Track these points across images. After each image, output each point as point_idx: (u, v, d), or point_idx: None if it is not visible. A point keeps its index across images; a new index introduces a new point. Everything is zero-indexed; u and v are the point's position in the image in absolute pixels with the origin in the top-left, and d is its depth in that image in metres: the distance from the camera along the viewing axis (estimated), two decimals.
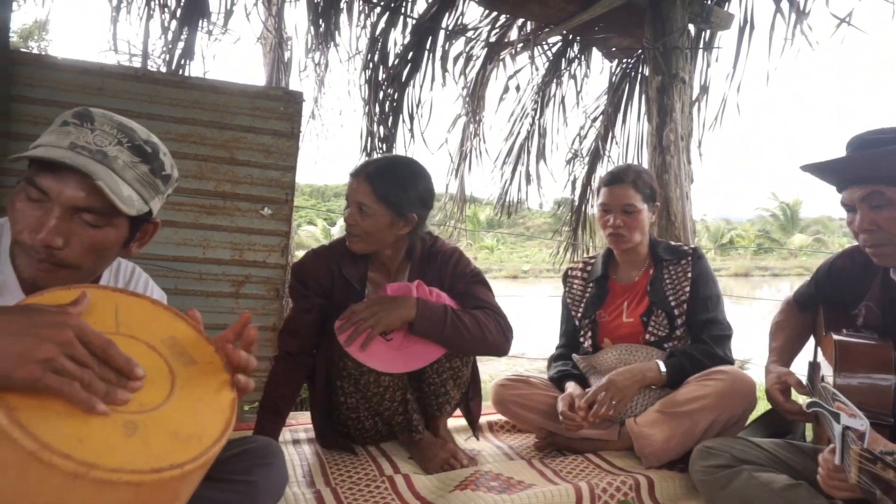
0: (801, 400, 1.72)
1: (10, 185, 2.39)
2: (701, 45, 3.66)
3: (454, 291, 1.94)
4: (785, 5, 3.29)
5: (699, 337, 2.11)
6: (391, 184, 1.82)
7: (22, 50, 3.41)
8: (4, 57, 2.34)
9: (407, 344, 1.80)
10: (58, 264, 1.04)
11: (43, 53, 3.68)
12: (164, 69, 3.32)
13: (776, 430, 1.97)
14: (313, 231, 27.74)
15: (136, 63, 3.39)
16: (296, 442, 2.16)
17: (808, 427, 1.92)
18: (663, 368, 2.02)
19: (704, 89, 3.76)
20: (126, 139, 1.08)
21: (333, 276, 1.92)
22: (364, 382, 1.84)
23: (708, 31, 3.64)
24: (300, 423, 2.34)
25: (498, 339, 1.88)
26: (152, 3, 3.36)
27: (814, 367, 1.85)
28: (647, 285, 2.19)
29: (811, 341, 1.93)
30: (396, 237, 1.89)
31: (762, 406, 1.93)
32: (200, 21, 3.39)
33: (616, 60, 4.22)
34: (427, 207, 1.93)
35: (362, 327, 1.74)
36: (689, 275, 2.15)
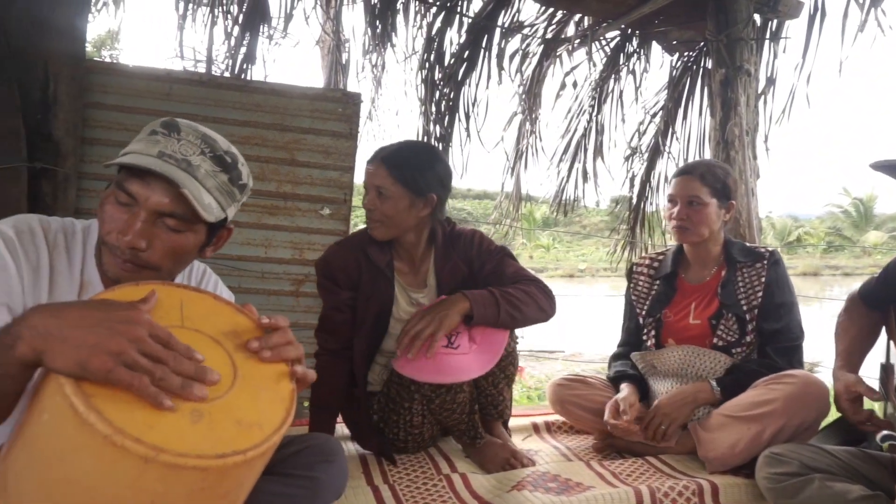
0: (876, 407, 1.63)
1: (90, 188, 2.51)
2: (767, 36, 3.53)
3: (485, 271, 1.91)
4: None
5: (764, 349, 2.03)
6: (408, 165, 1.79)
7: (96, 59, 3.58)
8: (81, 66, 2.46)
9: (474, 344, 1.73)
10: (141, 265, 1.09)
11: (115, 62, 3.85)
12: (227, 74, 3.42)
13: (849, 437, 1.88)
14: None
15: (201, 68, 3.51)
16: (351, 437, 2.19)
17: (881, 443, 1.82)
18: (717, 388, 1.96)
19: (771, 81, 3.62)
20: (209, 149, 1.14)
21: (360, 264, 1.87)
22: (439, 402, 1.82)
23: (775, 21, 3.51)
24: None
25: (547, 303, 1.85)
26: (216, 10, 3.47)
27: (886, 369, 1.75)
28: (717, 287, 2.11)
29: (882, 339, 1.82)
30: (417, 220, 1.85)
31: (834, 412, 1.84)
32: (262, 26, 3.48)
33: (677, 54, 4.11)
34: (445, 189, 1.88)
35: (424, 335, 1.67)
36: (763, 279, 2.06)
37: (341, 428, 2.39)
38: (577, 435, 2.31)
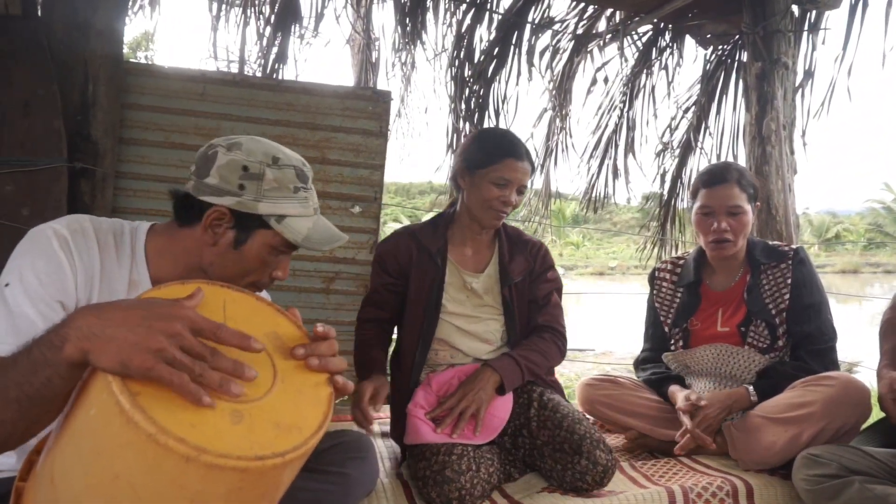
0: None
1: (127, 188, 2.57)
2: (806, 28, 3.44)
3: (538, 286, 1.98)
4: None
5: (797, 352, 1.98)
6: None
7: (132, 61, 3.65)
8: (119, 68, 2.52)
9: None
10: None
11: (151, 63, 3.92)
12: (259, 74, 3.46)
13: (891, 439, 1.82)
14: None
15: (234, 68, 3.56)
16: (384, 435, 2.20)
17: None
18: (754, 396, 1.92)
19: (809, 74, 3.52)
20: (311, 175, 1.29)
21: (411, 250, 1.93)
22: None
23: (814, 12, 3.42)
24: (387, 416, 2.39)
25: (558, 360, 1.97)
26: (248, 11, 3.52)
27: None
28: (743, 293, 2.05)
29: None
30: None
31: (875, 414, 1.79)
32: (293, 26, 3.52)
33: (711, 47, 4.04)
34: None
35: (468, 415, 1.74)
36: (790, 280, 1.99)
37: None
38: (606, 434, 2.29)
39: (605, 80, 4.44)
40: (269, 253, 1.21)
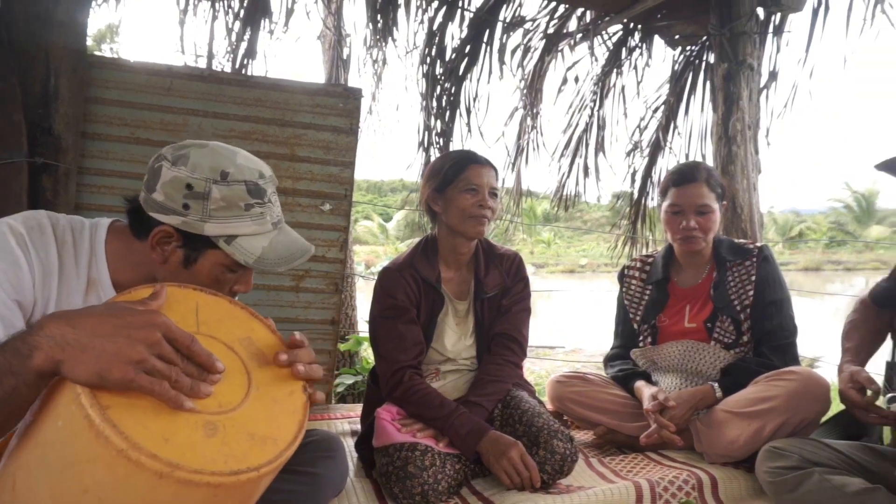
0: (880, 401, 1.63)
1: (90, 184, 2.51)
2: (770, 30, 3.51)
3: (508, 300, 2.01)
4: None
5: (760, 348, 2.02)
6: None
7: (97, 54, 3.57)
8: (82, 61, 2.46)
9: None
10: None
11: (116, 56, 3.84)
12: (228, 69, 3.41)
13: (850, 431, 1.87)
14: (370, 226, 28.09)
15: (202, 63, 3.50)
16: (354, 433, 2.20)
17: (886, 430, 1.82)
18: (719, 393, 1.95)
19: (773, 76, 3.60)
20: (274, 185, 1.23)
21: (418, 281, 1.94)
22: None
23: (778, 15, 3.49)
24: (357, 416, 2.38)
25: (516, 376, 2.00)
26: (217, 5, 3.46)
27: (893, 367, 1.76)
28: (710, 289, 2.09)
29: (889, 341, 1.83)
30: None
31: (835, 407, 1.84)
32: (263, 21, 3.47)
33: (679, 48, 4.09)
34: None
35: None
36: (754, 278, 2.04)
37: (341, 424, 2.40)
38: (576, 430, 2.31)
39: (576, 80, 4.48)
40: (223, 272, 1.16)
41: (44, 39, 2.35)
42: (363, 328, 4.43)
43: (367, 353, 4.17)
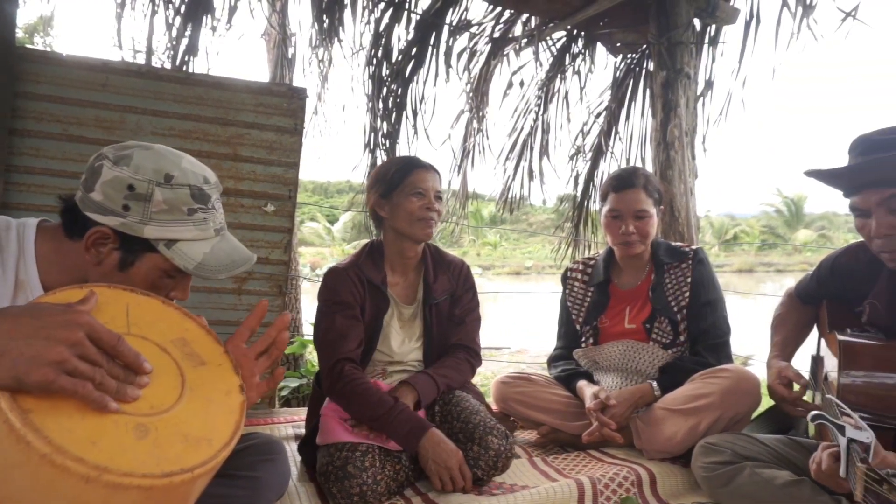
0: (807, 396, 1.72)
1: (20, 182, 2.40)
2: (706, 40, 3.64)
3: (457, 305, 2.04)
4: None
5: (695, 347, 2.09)
6: None
7: (27, 46, 3.41)
8: (10, 54, 2.35)
9: None
10: None
11: (48, 50, 3.68)
12: (168, 65, 3.32)
13: (778, 426, 1.97)
14: (316, 228, 27.76)
15: (141, 59, 3.39)
16: (298, 437, 2.17)
17: (811, 423, 1.91)
18: (658, 391, 2.01)
19: (709, 84, 3.73)
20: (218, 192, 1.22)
21: (363, 282, 1.93)
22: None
23: (713, 26, 3.62)
24: (302, 419, 2.35)
25: (470, 376, 2.05)
26: (156, 0, 3.36)
27: (817, 361, 1.85)
28: (648, 291, 2.16)
29: (813, 334, 1.92)
30: None
31: (765, 403, 1.92)
32: (204, 17, 3.39)
33: (620, 56, 4.20)
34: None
35: None
36: (689, 279, 2.11)
37: (284, 428, 2.37)
38: (521, 430, 2.34)
39: (521, 84, 4.54)
40: (160, 276, 1.13)
41: None
42: (308, 331, 4.38)
43: (312, 356, 4.12)
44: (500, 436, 1.76)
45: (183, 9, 3.35)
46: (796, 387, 1.68)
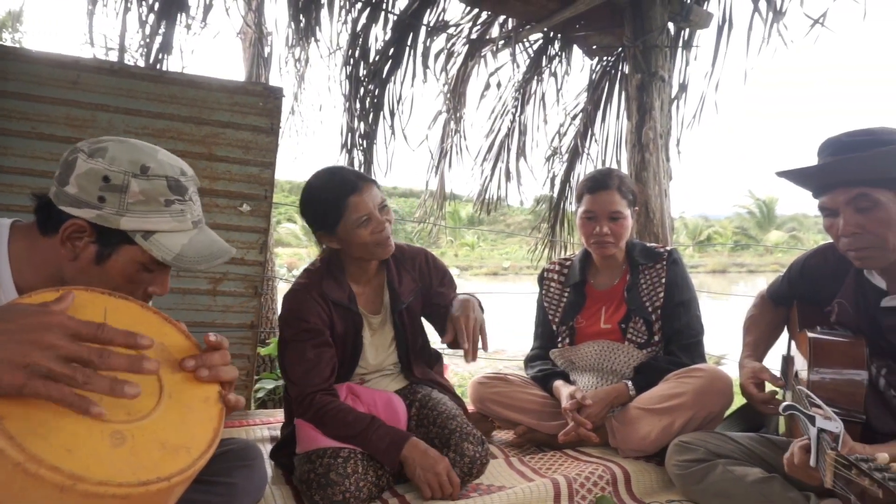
0: (779, 395, 1.75)
1: None
2: (680, 44, 3.69)
3: (433, 287, 2.00)
4: (763, 5, 3.33)
5: (669, 347, 2.12)
6: None
7: None
8: None
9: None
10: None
11: (17, 46, 3.61)
12: (141, 63, 3.27)
13: (750, 424, 2.00)
14: (293, 228, 27.53)
15: (114, 57, 3.34)
16: (273, 439, 2.15)
17: (781, 420, 1.95)
18: (633, 390, 2.03)
19: (683, 87, 3.79)
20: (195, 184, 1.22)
21: (328, 304, 1.85)
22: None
23: (687, 30, 3.67)
24: (278, 421, 2.33)
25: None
26: None
27: (787, 360, 1.88)
28: (624, 291, 2.18)
29: (784, 335, 1.96)
30: None
31: (738, 401, 1.96)
32: (179, 15, 3.34)
33: (596, 58, 4.24)
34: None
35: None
36: (664, 280, 2.13)
37: (260, 430, 2.35)
38: (497, 430, 2.35)
39: (498, 85, 4.55)
40: (138, 270, 1.12)
41: None
42: None
43: None
44: (476, 442, 1.77)
45: (157, 6, 3.30)
46: (769, 387, 1.72)
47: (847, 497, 1.03)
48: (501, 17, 4.14)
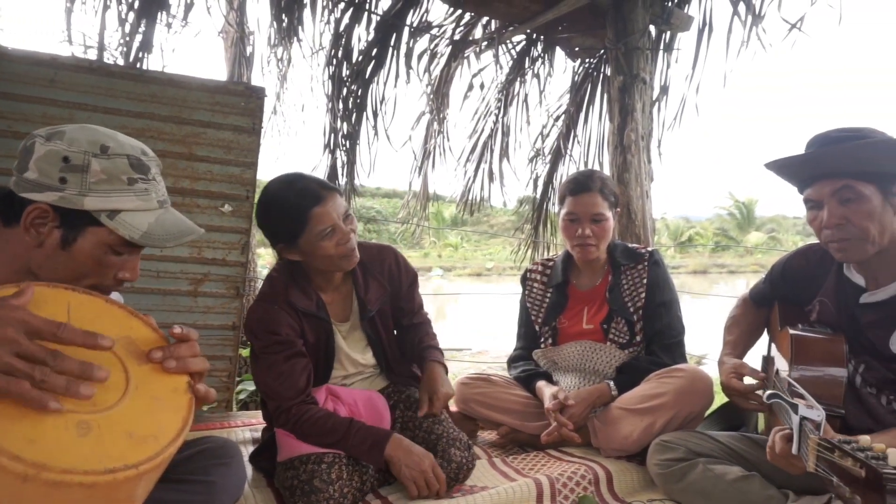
0: (759, 392, 1.77)
1: None
2: (661, 47, 3.72)
3: (402, 291, 1.98)
4: (742, 8, 3.37)
5: (650, 347, 2.13)
6: None
7: None
8: None
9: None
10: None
11: None
12: (121, 62, 3.24)
13: (730, 423, 2.02)
14: None
15: (92, 55, 3.30)
16: (256, 441, 2.13)
17: (761, 418, 1.97)
18: (615, 390, 2.04)
19: (664, 90, 3.82)
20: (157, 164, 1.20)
21: (298, 314, 1.79)
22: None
23: (668, 33, 3.71)
24: (260, 423, 2.31)
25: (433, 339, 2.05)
26: None
27: (768, 360, 1.90)
28: (605, 292, 2.18)
29: (764, 337, 1.98)
30: None
31: (718, 401, 1.97)
32: (159, 13, 3.32)
33: (579, 60, 4.27)
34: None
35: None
36: (645, 280, 2.15)
37: (242, 432, 2.33)
38: (481, 430, 2.35)
39: (482, 86, 4.57)
40: (106, 252, 1.09)
41: None
42: None
43: None
44: (463, 447, 1.76)
45: (136, 4, 3.27)
46: (748, 381, 1.73)
47: (830, 479, 1.03)
48: (484, 19, 4.15)
